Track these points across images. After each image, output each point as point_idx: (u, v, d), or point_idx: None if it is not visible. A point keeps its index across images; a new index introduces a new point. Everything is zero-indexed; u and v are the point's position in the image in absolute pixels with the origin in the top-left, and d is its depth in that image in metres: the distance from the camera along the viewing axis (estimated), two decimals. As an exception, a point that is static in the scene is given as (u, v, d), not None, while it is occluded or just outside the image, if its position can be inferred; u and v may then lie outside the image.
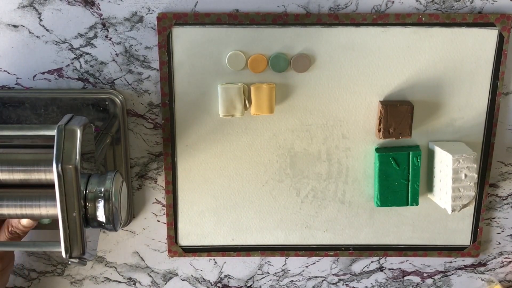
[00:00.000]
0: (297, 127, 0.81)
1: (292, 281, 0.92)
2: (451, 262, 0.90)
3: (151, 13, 0.76)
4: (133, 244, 0.88)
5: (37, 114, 0.80)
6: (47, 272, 0.90)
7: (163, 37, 0.77)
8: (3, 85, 0.80)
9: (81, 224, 0.62)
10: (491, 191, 0.86)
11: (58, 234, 0.62)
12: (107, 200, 0.65)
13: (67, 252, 0.62)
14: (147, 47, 0.78)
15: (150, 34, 0.77)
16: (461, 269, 0.91)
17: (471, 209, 0.86)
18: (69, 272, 0.90)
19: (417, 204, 0.82)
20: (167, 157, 0.82)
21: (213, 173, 0.83)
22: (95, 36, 0.77)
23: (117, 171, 0.69)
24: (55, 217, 0.65)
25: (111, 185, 0.65)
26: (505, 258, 0.91)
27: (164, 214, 0.86)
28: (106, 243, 0.88)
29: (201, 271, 0.90)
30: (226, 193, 0.84)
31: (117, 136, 0.80)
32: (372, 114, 0.81)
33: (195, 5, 0.76)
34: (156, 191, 0.85)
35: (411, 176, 0.81)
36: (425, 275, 0.92)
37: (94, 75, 0.79)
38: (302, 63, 0.78)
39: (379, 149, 0.81)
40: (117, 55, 0.78)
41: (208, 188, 0.84)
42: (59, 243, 0.63)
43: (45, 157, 0.67)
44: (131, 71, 0.79)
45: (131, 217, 0.86)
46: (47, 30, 0.77)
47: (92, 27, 0.77)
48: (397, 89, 0.80)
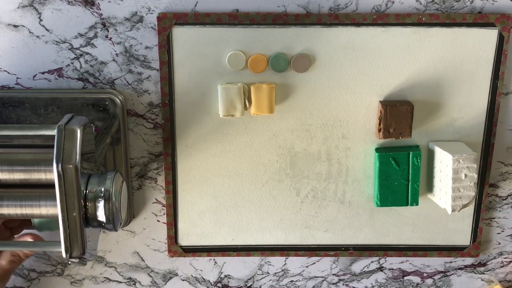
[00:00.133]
0: (297, 127, 0.81)
1: (292, 281, 0.92)
2: (451, 262, 0.90)
3: (151, 13, 0.76)
4: (133, 244, 0.88)
5: (37, 114, 0.80)
6: (47, 272, 0.90)
7: (163, 37, 0.77)
8: (3, 85, 0.80)
9: (81, 224, 0.62)
10: (491, 191, 0.86)
11: (58, 234, 0.62)
12: (107, 200, 0.65)
13: (67, 252, 0.62)
14: (147, 47, 0.78)
15: (150, 34, 0.77)
16: (461, 269, 0.91)
17: (471, 209, 0.86)
18: (69, 272, 0.90)
19: (417, 204, 0.82)
20: (167, 157, 0.82)
21: (213, 173, 0.83)
22: (95, 36, 0.77)
23: (117, 171, 0.69)
24: (55, 217, 0.65)
25: (111, 185, 0.65)
26: (505, 258, 0.91)
27: (164, 214, 0.86)
28: (106, 243, 0.88)
29: (201, 271, 0.90)
30: (226, 193, 0.84)
31: (117, 136, 0.80)
32: (372, 114, 0.81)
33: (195, 5, 0.76)
34: (156, 191, 0.85)
35: (411, 176, 0.81)
36: (425, 275, 0.91)
37: (94, 75, 0.79)
38: (302, 63, 0.78)
39: (379, 149, 0.81)
40: (117, 55, 0.78)
41: (208, 188, 0.84)
42: (59, 243, 0.63)
43: (45, 157, 0.67)
44: (131, 71, 0.79)
45: (131, 217, 0.86)
46: (47, 30, 0.77)
47: (92, 27, 0.77)
48: (397, 89, 0.80)
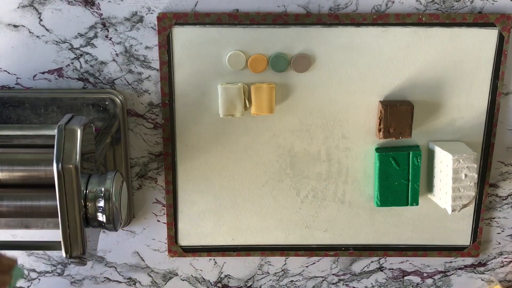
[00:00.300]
0: (297, 127, 0.81)
1: (292, 281, 0.92)
2: (451, 262, 0.90)
3: (151, 13, 0.76)
4: (133, 244, 0.88)
5: (37, 114, 0.80)
6: (47, 272, 0.90)
7: (163, 37, 0.77)
8: (3, 85, 0.80)
9: (81, 224, 0.62)
10: (491, 191, 0.86)
11: (58, 234, 0.62)
12: (108, 200, 0.65)
13: (67, 252, 0.63)
14: (147, 47, 0.78)
15: (150, 34, 0.77)
16: (461, 269, 0.91)
17: (471, 209, 0.86)
18: (69, 272, 0.90)
19: (417, 204, 0.82)
20: (167, 157, 0.82)
21: (213, 173, 0.83)
22: (95, 36, 0.77)
23: (117, 171, 0.69)
24: (55, 216, 0.65)
25: (112, 185, 0.65)
26: (505, 258, 0.91)
27: (164, 214, 0.86)
28: (106, 243, 0.88)
29: (201, 271, 0.90)
30: (226, 193, 0.84)
31: (117, 136, 0.80)
32: (372, 114, 0.81)
33: (195, 5, 0.76)
34: (156, 191, 0.85)
35: (411, 176, 0.81)
36: (425, 275, 0.91)
37: (94, 75, 0.79)
38: (302, 63, 0.78)
39: (379, 149, 0.81)
40: (117, 55, 0.78)
41: (208, 188, 0.84)
42: (59, 243, 0.63)
43: (45, 157, 0.67)
44: (131, 71, 0.79)
45: (131, 217, 0.86)
46: (47, 30, 0.77)
47: (92, 27, 0.77)
48: (397, 89, 0.80)
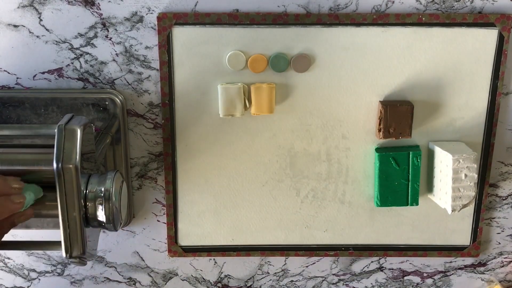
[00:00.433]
0: (297, 127, 0.81)
1: (292, 281, 0.92)
2: (451, 262, 0.90)
3: (151, 13, 0.76)
4: (133, 244, 0.88)
5: (37, 114, 0.80)
6: (47, 272, 0.90)
7: (163, 37, 0.77)
8: (3, 85, 0.80)
9: (81, 224, 0.62)
10: (491, 191, 0.86)
11: (58, 234, 0.62)
12: (107, 199, 0.65)
13: (67, 252, 0.63)
14: (147, 47, 0.78)
15: (150, 34, 0.77)
16: (461, 269, 0.91)
17: (471, 209, 0.86)
18: (69, 272, 0.90)
19: (417, 204, 0.82)
20: (167, 157, 0.82)
21: (213, 173, 0.83)
22: (95, 36, 0.77)
23: (117, 171, 0.69)
24: (55, 216, 0.65)
25: (111, 185, 0.65)
26: (505, 258, 0.91)
27: (164, 214, 0.86)
28: (106, 243, 0.88)
29: (201, 271, 0.90)
30: (226, 193, 0.84)
31: (117, 136, 0.80)
32: (372, 114, 0.81)
33: (195, 5, 0.76)
34: (156, 191, 0.85)
35: (411, 176, 0.81)
36: (425, 275, 0.91)
37: (94, 75, 0.79)
38: (302, 63, 0.78)
39: (379, 149, 0.81)
40: (117, 55, 0.78)
41: (208, 188, 0.84)
42: (59, 243, 0.63)
43: (45, 157, 0.67)
44: (131, 71, 0.79)
45: (131, 217, 0.86)
46: (47, 30, 0.77)
47: (92, 27, 0.77)
48: (397, 89, 0.80)
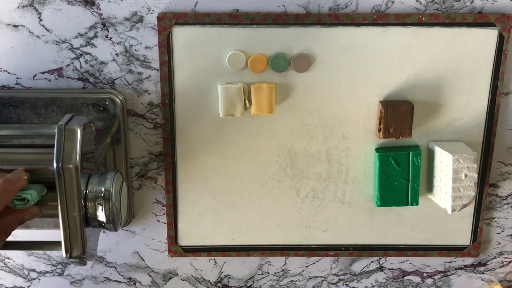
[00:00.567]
0: (297, 127, 0.81)
1: (292, 281, 0.92)
2: (451, 262, 0.90)
3: (151, 13, 0.76)
4: (133, 244, 0.88)
5: (37, 114, 0.80)
6: (47, 272, 0.90)
7: (163, 37, 0.77)
8: (3, 85, 0.80)
9: (81, 224, 0.62)
10: (491, 191, 0.86)
11: (58, 234, 0.62)
12: (107, 199, 0.65)
13: (67, 252, 0.62)
14: (147, 47, 0.78)
15: (150, 34, 0.77)
16: (461, 269, 0.91)
17: (471, 209, 0.86)
18: (69, 272, 0.90)
19: (417, 204, 0.82)
20: (167, 157, 0.82)
21: (213, 173, 0.83)
22: (95, 36, 0.77)
23: (117, 171, 0.69)
24: (55, 216, 0.65)
25: (111, 185, 0.65)
26: (505, 258, 0.91)
27: (164, 214, 0.86)
28: (106, 243, 0.88)
29: (201, 271, 0.90)
30: (226, 193, 0.84)
31: (117, 136, 0.80)
32: (372, 114, 0.81)
33: (195, 5, 0.76)
34: (156, 191, 0.85)
35: (411, 176, 0.81)
36: (425, 275, 0.91)
37: (94, 75, 0.79)
38: (302, 63, 0.78)
39: (379, 149, 0.81)
40: (117, 55, 0.78)
41: (208, 188, 0.84)
42: (59, 243, 0.63)
43: (45, 157, 0.67)
44: (131, 71, 0.79)
45: (131, 217, 0.86)
46: (47, 30, 0.77)
47: (92, 27, 0.77)
48: (397, 89, 0.80)
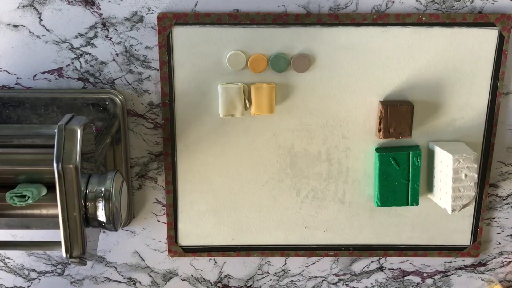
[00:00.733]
0: (297, 127, 0.81)
1: (292, 281, 0.92)
2: (451, 262, 0.90)
3: (151, 13, 0.76)
4: (133, 244, 0.88)
5: (37, 114, 0.80)
6: (47, 272, 0.90)
7: (163, 37, 0.77)
8: (3, 85, 0.80)
9: (81, 223, 0.62)
10: (491, 191, 0.86)
11: (58, 234, 0.62)
12: (108, 199, 0.65)
13: (67, 252, 0.62)
14: (147, 47, 0.78)
15: (150, 34, 0.77)
16: (461, 269, 0.91)
17: (471, 209, 0.86)
18: (69, 272, 0.90)
19: (417, 204, 0.82)
20: (167, 157, 0.82)
21: (213, 173, 0.83)
22: (95, 36, 0.77)
23: (117, 171, 0.69)
24: (55, 216, 0.65)
25: (112, 185, 0.65)
26: (505, 258, 0.91)
27: (164, 214, 0.86)
28: (106, 243, 0.88)
29: (201, 271, 0.90)
30: (226, 193, 0.84)
31: (117, 136, 0.80)
32: (372, 114, 0.81)
33: (195, 5, 0.76)
34: (156, 191, 0.85)
35: (411, 176, 0.81)
36: (425, 275, 0.91)
37: (94, 75, 0.79)
38: (302, 63, 0.78)
39: (379, 149, 0.81)
40: (117, 55, 0.78)
41: (208, 188, 0.84)
42: (59, 243, 0.63)
43: (45, 157, 0.67)
44: (131, 71, 0.79)
45: (131, 217, 0.86)
46: (47, 30, 0.77)
47: (92, 27, 0.77)
48: (397, 89, 0.80)
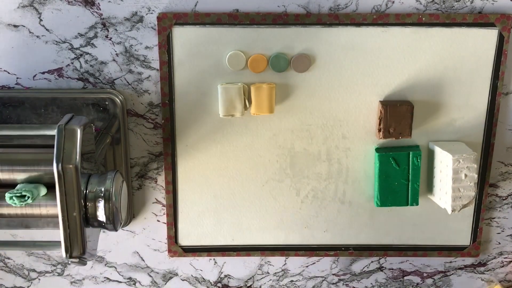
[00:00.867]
0: (297, 127, 0.81)
1: (292, 281, 0.92)
2: (451, 262, 0.90)
3: (151, 13, 0.76)
4: (133, 244, 0.88)
5: (37, 114, 0.80)
6: (47, 272, 0.90)
7: (163, 37, 0.77)
8: (3, 85, 0.80)
9: (81, 224, 0.62)
10: (491, 191, 0.86)
11: (58, 234, 0.62)
12: (107, 200, 0.65)
13: (67, 252, 0.63)
14: (147, 47, 0.78)
15: (150, 34, 0.77)
16: (461, 269, 0.91)
17: (471, 209, 0.86)
18: (69, 272, 0.90)
19: (417, 204, 0.82)
20: (167, 157, 0.82)
21: (213, 173, 0.83)
22: (95, 36, 0.77)
23: (117, 171, 0.69)
24: (55, 216, 0.65)
25: (111, 185, 0.65)
26: (505, 258, 0.91)
27: (164, 214, 0.86)
28: (106, 243, 0.88)
29: (201, 271, 0.90)
30: (226, 193, 0.84)
31: (117, 136, 0.80)
32: (372, 114, 0.81)
33: (195, 5, 0.76)
34: (156, 191, 0.85)
35: (411, 176, 0.81)
36: (425, 275, 0.91)
37: (94, 75, 0.79)
38: (302, 63, 0.78)
39: (379, 149, 0.81)
40: (117, 55, 0.78)
41: (208, 188, 0.84)
42: (59, 243, 0.63)
43: (45, 157, 0.67)
44: (131, 71, 0.79)
45: (131, 217, 0.86)
46: (47, 30, 0.77)
47: (92, 27, 0.77)
48: (397, 89, 0.80)
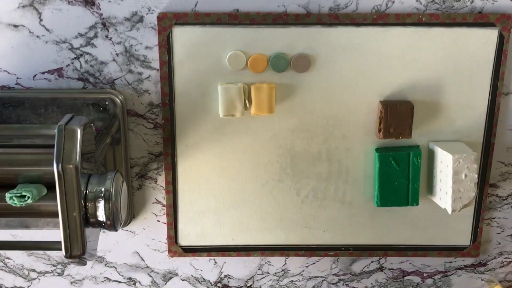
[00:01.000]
0: (297, 127, 0.81)
1: (292, 281, 0.92)
2: (451, 262, 0.90)
3: (151, 13, 0.76)
4: (133, 244, 0.88)
5: (37, 114, 0.80)
6: (47, 272, 0.90)
7: (163, 37, 0.77)
8: (3, 85, 0.80)
9: (81, 224, 0.62)
10: (491, 191, 0.86)
11: (58, 234, 0.62)
12: (108, 200, 0.65)
13: (67, 252, 0.63)
14: (147, 47, 0.78)
15: (150, 34, 0.77)
16: (461, 269, 0.91)
17: (471, 209, 0.86)
18: (69, 272, 0.90)
19: (417, 204, 0.82)
20: (167, 157, 0.82)
21: (213, 173, 0.83)
22: (95, 36, 0.77)
23: (117, 171, 0.69)
24: (55, 216, 0.65)
25: (112, 185, 0.65)
26: (505, 258, 0.91)
27: (164, 214, 0.86)
28: (106, 243, 0.88)
29: (201, 271, 0.90)
30: (226, 193, 0.84)
31: (117, 136, 0.80)
32: (372, 114, 0.81)
33: (195, 5, 0.76)
34: (156, 191, 0.85)
35: (411, 176, 0.81)
36: (425, 275, 0.91)
37: (94, 75, 0.79)
38: (302, 63, 0.78)
39: (379, 149, 0.81)
40: (117, 55, 0.78)
41: (208, 188, 0.84)
42: (59, 243, 0.63)
43: (45, 157, 0.67)
44: (131, 71, 0.79)
45: (131, 217, 0.86)
46: (47, 30, 0.77)
47: (92, 27, 0.77)
48: (397, 89, 0.80)
